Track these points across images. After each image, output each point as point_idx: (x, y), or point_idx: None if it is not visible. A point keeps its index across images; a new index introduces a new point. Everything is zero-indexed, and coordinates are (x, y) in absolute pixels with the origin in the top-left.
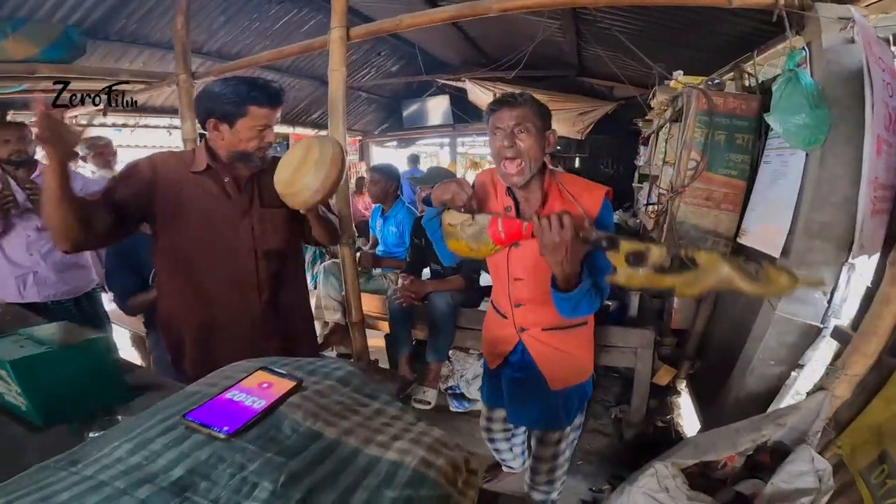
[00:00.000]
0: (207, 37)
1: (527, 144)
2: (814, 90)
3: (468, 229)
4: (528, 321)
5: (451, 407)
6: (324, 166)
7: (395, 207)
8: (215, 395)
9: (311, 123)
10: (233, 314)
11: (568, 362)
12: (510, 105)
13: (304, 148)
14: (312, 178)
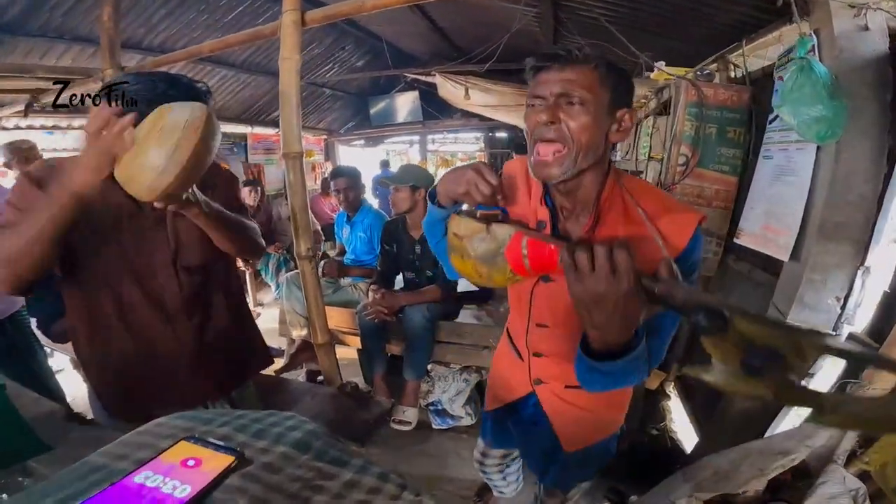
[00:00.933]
0: (146, 31)
1: (577, 123)
2: (828, 80)
3: (480, 245)
4: (547, 374)
5: (434, 424)
6: (173, 135)
7: (361, 212)
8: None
9: (272, 122)
10: (156, 344)
11: (591, 422)
12: (563, 63)
13: (154, 116)
14: (156, 153)
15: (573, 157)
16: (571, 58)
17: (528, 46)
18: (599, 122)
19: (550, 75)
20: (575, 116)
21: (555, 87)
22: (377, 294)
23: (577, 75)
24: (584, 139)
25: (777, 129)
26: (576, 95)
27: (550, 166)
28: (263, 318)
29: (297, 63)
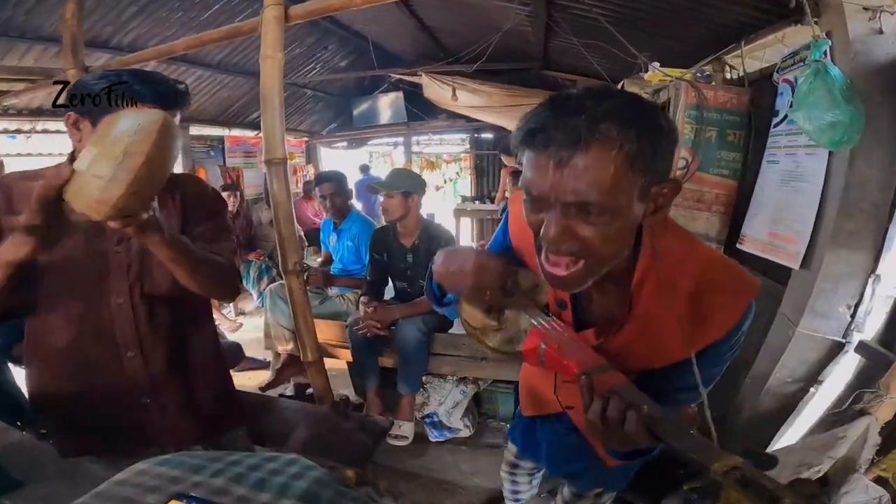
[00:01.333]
0: (115, 29)
1: (597, 236)
2: (843, 84)
3: (494, 337)
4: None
5: (431, 437)
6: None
7: (348, 219)
8: None
9: (250, 124)
10: (109, 380)
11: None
12: (570, 146)
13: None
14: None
15: (593, 269)
16: (583, 140)
17: (517, 46)
18: (629, 221)
19: (554, 167)
20: (593, 228)
21: (561, 193)
22: (369, 307)
23: (595, 170)
24: (607, 251)
25: (783, 132)
26: (593, 205)
27: (566, 281)
28: (246, 327)
29: (280, 62)
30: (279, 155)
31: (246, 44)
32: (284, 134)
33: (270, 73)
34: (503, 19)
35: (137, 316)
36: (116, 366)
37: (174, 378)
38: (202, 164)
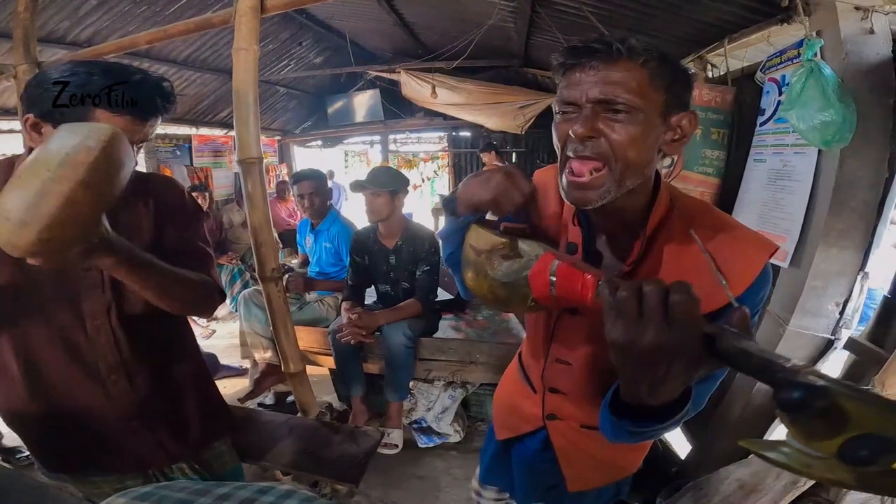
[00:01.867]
0: (72, 24)
1: (622, 137)
2: (836, 84)
3: (500, 264)
4: (563, 412)
5: (420, 443)
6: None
7: (327, 220)
8: None
9: (220, 123)
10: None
11: (605, 464)
12: (603, 59)
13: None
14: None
15: (616, 178)
16: (614, 52)
17: (498, 44)
18: (651, 134)
19: (587, 75)
20: (620, 129)
21: (593, 91)
22: (352, 314)
23: (622, 75)
24: (630, 156)
25: (770, 131)
26: (621, 102)
27: (587, 189)
28: (220, 333)
29: (255, 54)
30: (254, 154)
31: (216, 39)
32: (259, 132)
33: (244, 67)
34: (486, 15)
35: (118, 339)
36: (99, 390)
37: (160, 397)
38: (167, 165)
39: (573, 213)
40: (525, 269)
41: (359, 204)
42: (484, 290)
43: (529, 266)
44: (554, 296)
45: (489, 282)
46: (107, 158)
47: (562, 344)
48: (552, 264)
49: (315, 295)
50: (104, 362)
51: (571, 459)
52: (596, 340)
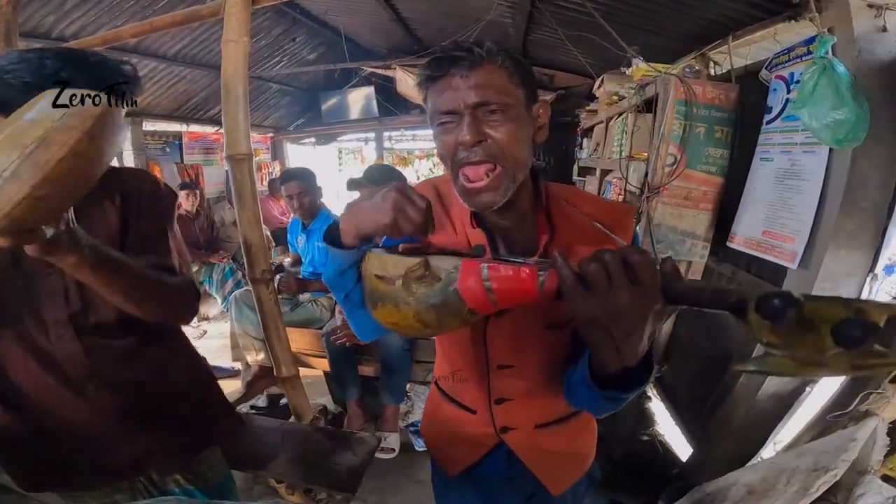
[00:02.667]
0: (57, 18)
1: (504, 135)
2: (849, 82)
3: (419, 286)
4: (515, 420)
5: (417, 446)
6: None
7: (319, 219)
8: None
9: (210, 120)
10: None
11: (571, 457)
12: (465, 64)
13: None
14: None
15: (510, 175)
16: (477, 57)
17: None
18: (524, 127)
19: (459, 82)
20: (500, 128)
21: (469, 97)
22: None
23: (489, 77)
24: (516, 151)
25: (777, 129)
26: (496, 102)
27: (487, 192)
28: (211, 333)
29: (245, 46)
30: (242, 150)
31: (207, 34)
32: (249, 127)
33: (234, 60)
34: (483, 11)
35: (88, 347)
36: (79, 401)
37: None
38: (157, 162)
39: (469, 219)
40: (450, 283)
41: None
42: (409, 321)
43: (453, 279)
44: (493, 301)
45: (412, 309)
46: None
47: (498, 348)
48: (482, 269)
49: (308, 295)
50: (76, 372)
51: (541, 463)
52: (528, 334)
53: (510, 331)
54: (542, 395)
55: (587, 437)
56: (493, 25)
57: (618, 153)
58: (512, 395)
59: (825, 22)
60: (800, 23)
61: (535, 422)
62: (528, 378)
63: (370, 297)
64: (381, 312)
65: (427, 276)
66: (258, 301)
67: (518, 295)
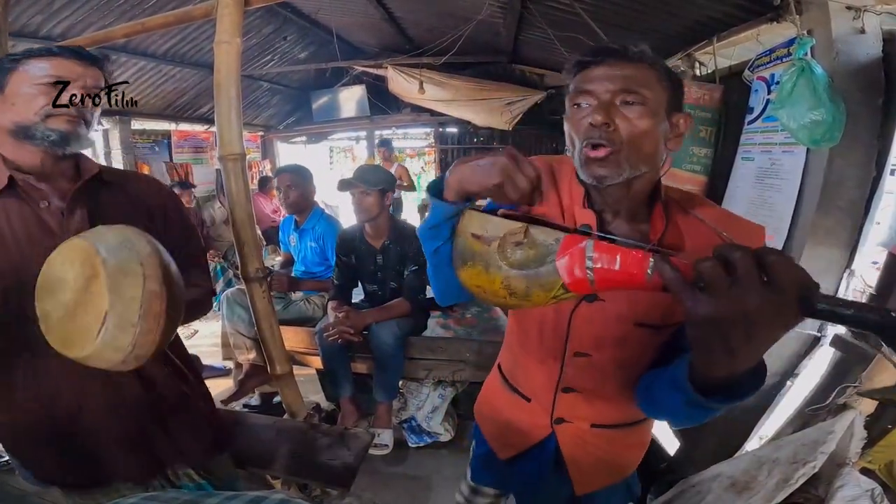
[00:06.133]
0: (45, 18)
1: (635, 126)
2: (827, 83)
3: (515, 252)
4: (574, 413)
5: (410, 443)
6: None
7: (311, 218)
8: None
9: (199, 118)
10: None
11: (611, 465)
12: (615, 58)
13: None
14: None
15: (629, 161)
16: (630, 54)
17: (486, 39)
18: (658, 126)
19: (605, 71)
20: (633, 118)
21: (611, 84)
22: (339, 312)
23: (638, 72)
24: (641, 142)
25: (758, 130)
26: (637, 93)
27: (604, 165)
28: (202, 332)
29: (238, 47)
30: (236, 150)
31: (196, 33)
32: (242, 128)
33: (226, 60)
34: (475, 10)
35: None
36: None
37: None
38: (146, 161)
39: (581, 199)
40: (548, 254)
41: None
42: (495, 286)
43: (553, 251)
44: (591, 280)
45: (503, 274)
46: (172, 296)
47: (581, 335)
48: (587, 245)
49: (301, 294)
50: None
51: (579, 462)
52: (615, 326)
53: (597, 319)
54: (610, 393)
55: (635, 451)
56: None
57: None
58: (580, 387)
59: (805, 24)
60: (782, 24)
61: (592, 420)
62: (601, 371)
63: (461, 255)
64: (468, 272)
65: (525, 243)
66: (251, 299)
67: (621, 278)
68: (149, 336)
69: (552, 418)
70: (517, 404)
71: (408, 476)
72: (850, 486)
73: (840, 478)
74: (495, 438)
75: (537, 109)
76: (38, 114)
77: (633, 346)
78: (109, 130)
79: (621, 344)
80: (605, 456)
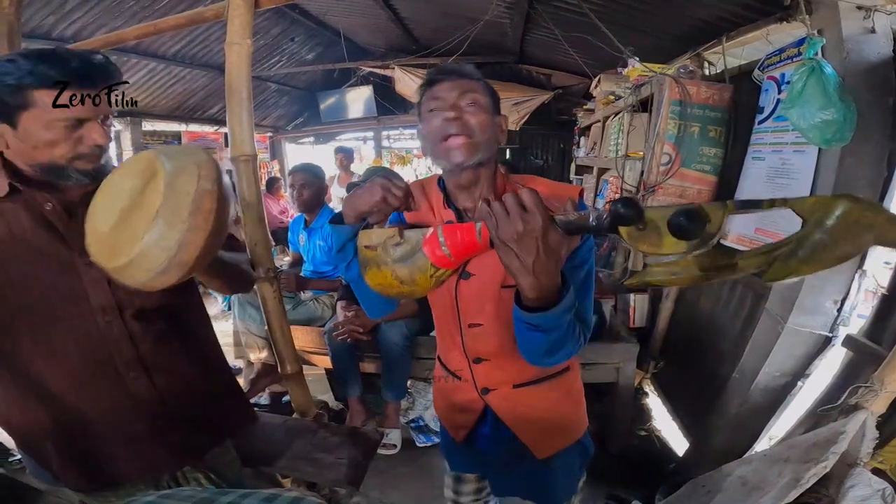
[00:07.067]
0: (57, 19)
1: (477, 120)
2: (837, 83)
3: (395, 251)
4: (493, 380)
5: (417, 442)
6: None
7: (320, 217)
8: None
9: (209, 119)
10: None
11: (554, 422)
12: (455, 76)
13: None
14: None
15: (478, 147)
16: (463, 72)
17: (493, 39)
18: (490, 121)
19: (448, 84)
20: (474, 114)
21: (454, 93)
22: (348, 312)
23: (471, 84)
24: (484, 133)
25: (769, 129)
26: (472, 98)
27: (460, 151)
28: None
29: (248, 49)
30: (247, 151)
31: (206, 34)
32: (253, 128)
33: (237, 62)
34: (481, 11)
35: (132, 332)
36: (119, 390)
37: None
38: None
39: (442, 202)
40: (418, 245)
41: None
42: (388, 279)
43: (420, 241)
44: (448, 254)
45: (389, 268)
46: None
47: (468, 307)
48: (438, 228)
49: (310, 293)
50: (121, 358)
51: (522, 423)
52: (490, 293)
53: (475, 291)
54: (514, 355)
55: (571, 404)
56: (492, 25)
57: (614, 152)
58: (486, 355)
59: (815, 23)
60: (792, 24)
61: (511, 382)
62: (497, 337)
63: (362, 265)
64: (369, 276)
65: (402, 243)
66: (262, 299)
67: (465, 246)
68: (196, 235)
69: (478, 390)
70: (454, 386)
71: (414, 476)
72: (861, 486)
73: (851, 478)
74: (447, 422)
75: (544, 109)
76: (63, 157)
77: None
78: (121, 132)
79: (498, 307)
80: (542, 413)
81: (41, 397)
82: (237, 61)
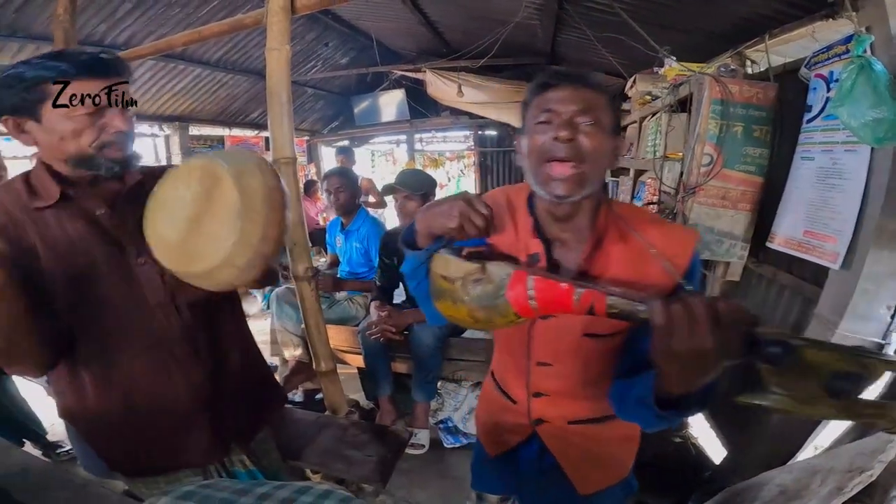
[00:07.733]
0: (109, 27)
1: (594, 144)
2: (888, 80)
3: (475, 288)
4: (549, 413)
5: (445, 443)
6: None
7: (356, 219)
8: None
9: (250, 124)
10: (166, 402)
11: (604, 461)
12: (576, 83)
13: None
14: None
15: (588, 180)
16: (586, 81)
17: (523, 41)
18: (607, 145)
19: (566, 93)
20: (591, 136)
21: (572, 106)
22: (382, 311)
23: (593, 96)
24: (598, 159)
25: (818, 128)
26: (593, 116)
27: (566, 184)
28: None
29: (287, 54)
30: (288, 154)
31: (246, 41)
32: (293, 132)
33: (277, 67)
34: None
35: (186, 325)
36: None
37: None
38: None
39: (531, 229)
40: (501, 288)
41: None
42: (463, 315)
43: (504, 285)
44: (534, 307)
45: (467, 307)
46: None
47: (540, 347)
48: (528, 280)
49: (345, 294)
50: (180, 350)
51: (570, 458)
52: (567, 338)
53: (552, 334)
54: (576, 394)
55: (625, 444)
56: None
57: (652, 153)
58: (548, 391)
59: (862, 20)
60: (838, 21)
61: (567, 417)
62: (563, 377)
63: (434, 292)
64: (441, 305)
65: (482, 280)
66: (301, 298)
67: (555, 306)
68: (273, 228)
69: (530, 419)
70: (505, 406)
71: (442, 476)
72: None
73: None
74: (486, 437)
75: None
76: (91, 146)
77: (586, 353)
78: (170, 136)
79: (575, 353)
80: (593, 449)
81: (114, 388)
82: (277, 66)
